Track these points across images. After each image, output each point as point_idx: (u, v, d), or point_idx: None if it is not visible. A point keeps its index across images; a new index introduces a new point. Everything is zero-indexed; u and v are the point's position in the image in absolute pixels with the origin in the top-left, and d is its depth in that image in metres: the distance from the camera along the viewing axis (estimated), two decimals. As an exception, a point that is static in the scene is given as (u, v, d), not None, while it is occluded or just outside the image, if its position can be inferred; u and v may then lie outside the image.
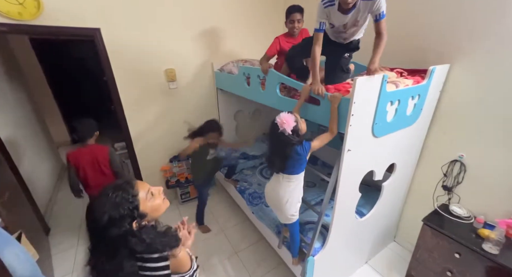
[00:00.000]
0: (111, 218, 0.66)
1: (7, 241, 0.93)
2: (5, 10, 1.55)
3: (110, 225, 0.66)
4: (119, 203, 0.68)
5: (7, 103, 2.34)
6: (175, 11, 2.19)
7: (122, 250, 0.68)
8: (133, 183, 0.75)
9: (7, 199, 1.36)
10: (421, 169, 1.80)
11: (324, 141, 1.29)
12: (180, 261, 0.74)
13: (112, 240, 0.67)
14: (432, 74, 1.38)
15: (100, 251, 0.70)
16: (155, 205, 0.78)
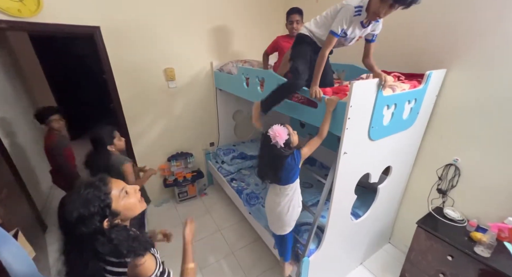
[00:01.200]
0: (81, 215, 0.65)
1: (4, 239, 0.93)
2: (4, 6, 1.55)
3: (79, 223, 0.65)
4: (90, 200, 0.67)
5: (6, 100, 2.33)
6: (176, 10, 2.19)
7: (88, 247, 0.67)
8: (106, 181, 0.74)
9: (5, 196, 1.36)
10: (416, 172, 1.82)
11: (314, 147, 1.31)
12: (143, 269, 0.71)
13: (80, 238, 0.66)
14: (429, 79, 1.39)
15: (69, 247, 0.69)
16: (129, 203, 0.75)
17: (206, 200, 2.83)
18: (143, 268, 0.71)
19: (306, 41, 1.40)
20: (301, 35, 1.42)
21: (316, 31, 1.36)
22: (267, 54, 2.16)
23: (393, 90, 1.28)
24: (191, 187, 2.74)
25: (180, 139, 2.70)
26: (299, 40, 1.43)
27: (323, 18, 1.34)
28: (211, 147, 2.95)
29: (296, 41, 1.46)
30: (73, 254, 0.68)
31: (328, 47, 1.27)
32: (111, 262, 0.69)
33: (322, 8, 2.22)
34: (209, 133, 2.88)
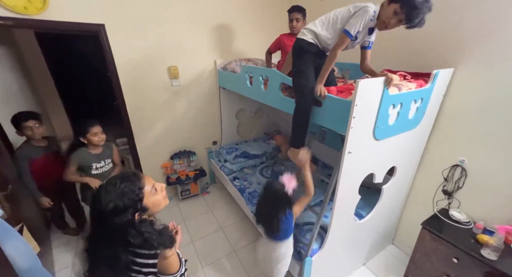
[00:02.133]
0: (116, 207, 0.67)
1: (9, 234, 0.94)
2: (11, 4, 1.56)
3: (113, 214, 0.67)
4: (126, 193, 0.69)
5: (13, 96, 2.36)
6: (180, 8, 2.19)
7: (120, 240, 0.69)
8: (140, 176, 0.76)
9: (10, 192, 1.38)
10: (421, 173, 1.80)
11: (303, 206, 1.37)
12: (169, 262, 0.74)
13: (113, 228, 0.68)
14: (436, 78, 1.37)
15: (99, 239, 0.71)
16: (157, 200, 0.78)
17: (208, 199, 2.83)
18: (172, 260, 0.74)
19: (310, 50, 1.33)
20: (302, 43, 1.34)
21: (321, 34, 1.30)
22: (270, 53, 2.14)
23: (399, 89, 1.26)
24: (194, 185, 2.75)
25: (183, 138, 2.70)
26: (300, 50, 1.35)
27: (331, 19, 1.28)
28: (213, 146, 2.95)
29: (298, 51, 1.37)
30: (101, 245, 0.69)
31: (340, 46, 1.23)
32: (141, 254, 0.71)
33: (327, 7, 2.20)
34: (212, 132, 2.88)
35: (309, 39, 1.33)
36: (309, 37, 1.33)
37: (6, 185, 1.38)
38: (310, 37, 1.33)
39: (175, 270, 0.75)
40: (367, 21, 1.17)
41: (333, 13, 1.29)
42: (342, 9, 1.26)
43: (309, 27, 1.35)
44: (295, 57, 1.40)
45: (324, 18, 1.32)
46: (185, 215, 2.54)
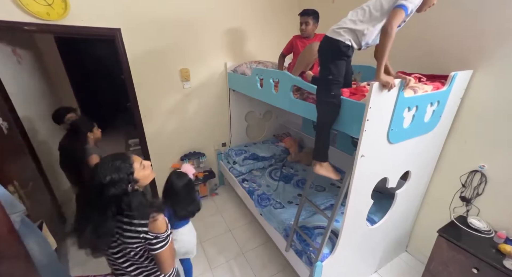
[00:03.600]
0: (112, 179, 0.82)
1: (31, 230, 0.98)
2: (35, 10, 1.64)
3: (110, 185, 0.82)
4: (119, 168, 0.85)
5: (33, 97, 2.46)
6: (193, 14, 2.23)
7: (113, 207, 0.84)
8: (129, 155, 0.94)
9: (31, 189, 1.44)
10: (437, 178, 1.74)
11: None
12: (158, 224, 0.89)
13: (109, 197, 0.82)
14: (454, 80, 1.33)
15: (93, 208, 0.84)
16: (145, 174, 0.96)
17: (217, 200, 2.85)
18: (160, 223, 0.89)
19: (348, 55, 1.18)
20: (340, 45, 1.16)
21: (361, 29, 1.14)
22: (283, 56, 2.14)
23: (414, 92, 1.23)
24: (203, 186, 2.77)
25: (193, 139, 2.74)
26: (337, 53, 1.18)
27: (371, 10, 1.13)
28: (223, 148, 2.97)
29: (333, 54, 1.20)
30: (94, 213, 0.83)
31: (396, 21, 1.03)
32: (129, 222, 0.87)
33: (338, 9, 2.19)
34: (221, 134, 2.90)
35: (347, 41, 1.16)
36: (347, 38, 1.15)
37: (27, 183, 1.44)
38: (348, 38, 1.16)
39: (162, 231, 0.90)
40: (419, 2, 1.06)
41: (371, 4, 1.14)
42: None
43: (345, 26, 1.16)
44: (327, 61, 1.21)
45: (361, 14, 1.15)
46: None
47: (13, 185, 1.26)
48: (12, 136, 1.58)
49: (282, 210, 1.98)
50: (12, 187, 1.26)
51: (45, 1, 1.66)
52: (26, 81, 2.36)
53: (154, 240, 0.88)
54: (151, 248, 0.89)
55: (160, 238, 0.89)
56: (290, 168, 2.69)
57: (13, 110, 1.83)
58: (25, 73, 2.35)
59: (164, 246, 0.91)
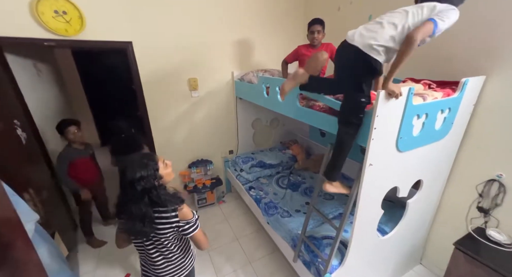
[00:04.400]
0: (142, 175, 0.95)
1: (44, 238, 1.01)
2: (54, 27, 1.75)
3: (140, 180, 0.94)
4: (147, 165, 0.98)
5: (51, 108, 2.59)
6: (201, 24, 2.31)
7: (145, 199, 0.96)
8: (154, 155, 1.07)
9: (45, 197, 1.49)
10: (452, 187, 1.67)
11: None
12: (185, 212, 1.04)
13: (140, 191, 0.94)
14: (465, 87, 1.29)
15: (128, 201, 0.97)
16: (168, 172, 1.08)
17: (224, 208, 2.84)
18: (186, 211, 1.04)
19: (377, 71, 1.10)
20: (377, 65, 1.08)
21: (392, 47, 1.05)
22: (286, 63, 2.16)
23: (423, 99, 1.20)
24: (210, 194, 2.78)
25: (201, 147, 2.77)
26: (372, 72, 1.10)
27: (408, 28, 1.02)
28: (230, 155, 2.99)
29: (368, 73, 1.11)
30: (131, 206, 0.96)
31: (422, 33, 0.97)
32: (166, 211, 0.99)
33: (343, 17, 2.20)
34: (228, 141, 2.92)
35: (383, 61, 1.09)
36: (383, 59, 1.08)
37: (42, 191, 1.50)
38: (384, 58, 1.08)
39: (190, 217, 1.05)
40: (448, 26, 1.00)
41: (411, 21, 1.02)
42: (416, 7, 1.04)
43: (386, 44, 1.05)
44: (360, 80, 1.11)
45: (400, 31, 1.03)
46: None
47: (29, 193, 1.32)
48: (30, 146, 1.66)
49: (289, 219, 1.95)
50: (28, 195, 1.32)
51: (63, 19, 1.77)
52: (45, 92, 2.49)
53: (187, 226, 1.04)
54: (186, 233, 1.05)
55: (191, 223, 1.05)
56: (298, 175, 2.66)
57: (31, 121, 1.93)
58: (44, 85, 2.49)
59: (197, 229, 1.07)
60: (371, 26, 1.11)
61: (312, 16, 2.58)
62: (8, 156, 1.31)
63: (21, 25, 1.67)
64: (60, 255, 1.09)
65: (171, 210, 1.00)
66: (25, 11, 1.66)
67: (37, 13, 1.67)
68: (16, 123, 1.54)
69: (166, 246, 1.06)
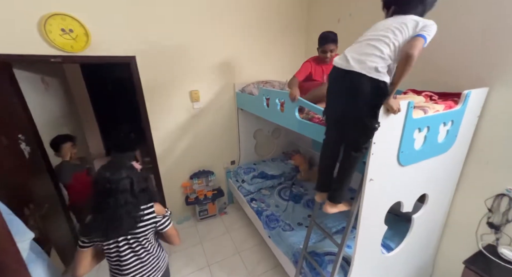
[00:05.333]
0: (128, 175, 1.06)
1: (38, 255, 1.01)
2: (60, 44, 1.82)
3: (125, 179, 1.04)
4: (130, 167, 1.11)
5: (59, 121, 2.65)
6: (202, 37, 2.35)
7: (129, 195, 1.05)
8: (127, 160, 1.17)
9: (46, 211, 1.50)
10: (459, 201, 1.60)
11: None
12: (160, 208, 1.17)
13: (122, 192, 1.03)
14: (467, 99, 1.26)
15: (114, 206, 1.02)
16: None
17: (225, 219, 2.80)
18: (160, 207, 1.17)
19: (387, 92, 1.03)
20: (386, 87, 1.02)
21: (392, 66, 1.04)
22: (296, 83, 1.76)
23: (424, 112, 1.18)
24: (211, 205, 2.75)
25: (203, 157, 2.77)
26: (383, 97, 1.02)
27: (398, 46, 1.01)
28: (232, 165, 2.97)
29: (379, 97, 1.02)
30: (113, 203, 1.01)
31: (419, 49, 0.96)
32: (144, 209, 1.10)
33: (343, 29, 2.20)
34: (230, 152, 2.92)
35: (389, 81, 1.05)
36: (389, 79, 1.04)
37: (43, 205, 1.51)
38: (389, 78, 1.05)
39: (164, 212, 1.19)
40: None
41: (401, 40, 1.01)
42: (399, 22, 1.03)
43: (385, 64, 1.02)
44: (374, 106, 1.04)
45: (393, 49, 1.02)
46: (202, 237, 2.52)
47: (29, 208, 1.33)
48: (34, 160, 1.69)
49: (291, 232, 1.90)
50: (28, 210, 1.33)
51: (70, 36, 1.83)
52: (52, 105, 2.56)
53: (163, 220, 1.14)
54: (163, 227, 1.14)
55: (167, 217, 1.17)
56: (300, 186, 2.62)
57: (37, 135, 1.97)
58: (51, 99, 2.56)
59: (171, 223, 1.18)
60: (363, 48, 1.07)
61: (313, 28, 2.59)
62: (10, 171, 1.34)
63: (30, 43, 1.74)
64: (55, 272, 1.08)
65: (150, 206, 1.10)
66: (34, 30, 1.74)
67: (45, 32, 1.74)
68: (21, 137, 1.58)
69: (144, 247, 1.10)
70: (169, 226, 1.15)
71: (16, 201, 1.25)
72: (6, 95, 1.66)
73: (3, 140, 1.34)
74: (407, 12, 1.05)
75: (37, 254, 0.99)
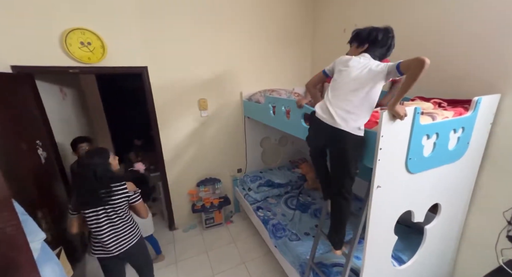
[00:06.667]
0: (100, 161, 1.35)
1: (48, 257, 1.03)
2: (79, 56, 1.94)
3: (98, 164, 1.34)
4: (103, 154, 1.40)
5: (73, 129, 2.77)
6: (210, 48, 2.44)
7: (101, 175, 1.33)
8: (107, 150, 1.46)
9: (58, 213, 1.54)
10: (475, 213, 1.52)
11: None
12: (131, 185, 1.44)
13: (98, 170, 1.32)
14: (478, 105, 1.23)
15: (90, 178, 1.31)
16: (115, 163, 1.49)
17: (231, 228, 2.77)
18: (132, 185, 1.45)
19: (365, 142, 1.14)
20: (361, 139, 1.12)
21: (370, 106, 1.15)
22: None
23: (433, 118, 1.16)
24: (218, 213, 2.73)
25: (209, 165, 2.80)
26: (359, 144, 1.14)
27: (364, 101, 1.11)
28: (238, 173, 2.97)
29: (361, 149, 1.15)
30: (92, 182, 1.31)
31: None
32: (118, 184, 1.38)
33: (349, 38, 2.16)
34: (237, 160, 2.93)
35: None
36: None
37: (55, 208, 1.56)
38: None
39: (135, 189, 1.45)
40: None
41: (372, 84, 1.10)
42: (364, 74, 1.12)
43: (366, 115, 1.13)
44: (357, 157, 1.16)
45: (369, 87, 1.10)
46: (208, 245, 2.49)
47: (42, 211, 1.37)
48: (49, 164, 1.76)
49: (298, 242, 1.86)
50: (41, 213, 1.37)
51: (88, 49, 1.96)
52: (68, 115, 2.69)
53: (134, 194, 1.43)
54: (134, 201, 1.42)
55: (137, 193, 1.45)
56: (307, 196, 2.57)
57: (53, 141, 2.07)
58: (67, 108, 2.69)
59: (140, 199, 1.47)
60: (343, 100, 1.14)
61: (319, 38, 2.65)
62: (27, 175, 1.40)
63: (51, 55, 1.87)
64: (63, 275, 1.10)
65: (122, 184, 1.37)
66: (56, 44, 1.87)
67: (66, 45, 1.87)
68: (38, 143, 1.66)
69: (119, 216, 1.38)
70: (139, 200, 1.45)
71: (31, 203, 1.30)
72: (28, 104, 1.76)
73: (23, 145, 1.42)
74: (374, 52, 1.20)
75: (47, 255, 1.02)
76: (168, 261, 2.30)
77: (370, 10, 2.08)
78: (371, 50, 1.21)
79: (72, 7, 1.86)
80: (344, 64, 1.22)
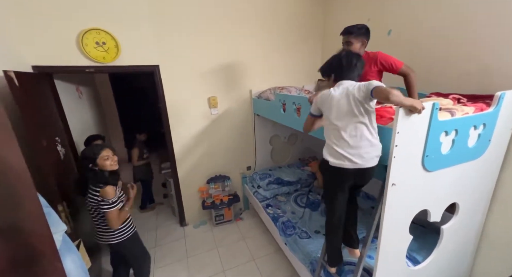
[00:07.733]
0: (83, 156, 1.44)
1: (69, 248, 1.08)
2: (94, 55, 2.00)
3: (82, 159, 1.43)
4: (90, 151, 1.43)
5: (87, 127, 2.88)
6: (221, 47, 2.46)
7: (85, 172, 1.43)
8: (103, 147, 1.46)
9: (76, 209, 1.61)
10: (496, 212, 1.46)
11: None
12: (107, 192, 1.35)
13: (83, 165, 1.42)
14: (501, 101, 1.18)
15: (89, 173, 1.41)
16: (105, 163, 1.42)
17: (241, 225, 2.79)
18: (108, 191, 1.36)
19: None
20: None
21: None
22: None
23: (451, 114, 1.12)
24: (227, 210, 2.76)
25: (219, 162, 2.82)
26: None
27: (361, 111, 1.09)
28: (248, 171, 2.99)
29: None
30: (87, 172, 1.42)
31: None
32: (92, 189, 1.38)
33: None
34: (246, 157, 2.94)
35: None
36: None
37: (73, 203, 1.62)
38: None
39: (109, 197, 1.36)
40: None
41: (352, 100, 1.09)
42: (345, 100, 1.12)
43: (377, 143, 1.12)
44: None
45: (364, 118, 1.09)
46: (218, 242, 2.53)
47: (62, 205, 1.43)
48: (67, 160, 1.83)
49: (308, 240, 1.85)
50: (61, 206, 1.43)
51: (102, 48, 2.01)
52: (84, 112, 2.79)
53: (102, 202, 1.35)
54: (101, 209, 1.36)
55: (106, 202, 1.35)
56: (317, 194, 2.55)
57: (70, 138, 2.15)
58: (83, 106, 2.79)
59: (110, 209, 1.36)
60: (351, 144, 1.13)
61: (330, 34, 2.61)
62: (48, 170, 1.46)
63: (69, 55, 1.94)
64: (83, 267, 1.15)
65: (98, 187, 1.34)
66: (73, 44, 1.93)
67: (82, 45, 1.93)
68: (57, 140, 1.73)
69: (92, 215, 1.44)
70: (107, 210, 1.35)
71: (52, 197, 1.36)
72: (48, 102, 1.84)
73: (44, 142, 1.48)
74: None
75: (68, 246, 1.07)
76: (179, 256, 2.35)
77: (385, 3, 2.01)
78: (340, 77, 1.22)
79: (89, 8, 1.92)
80: (327, 101, 1.19)
